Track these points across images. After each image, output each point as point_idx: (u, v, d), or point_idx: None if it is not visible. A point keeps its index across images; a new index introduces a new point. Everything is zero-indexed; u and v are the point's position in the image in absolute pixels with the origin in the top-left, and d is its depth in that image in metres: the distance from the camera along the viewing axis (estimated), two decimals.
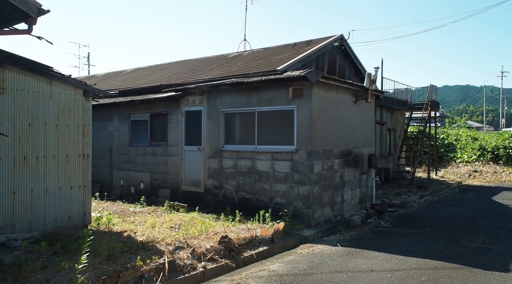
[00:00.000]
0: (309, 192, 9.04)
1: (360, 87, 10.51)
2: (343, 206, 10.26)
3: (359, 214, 10.78)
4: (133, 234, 7.76)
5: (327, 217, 9.61)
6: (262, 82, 9.51)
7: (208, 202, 10.79)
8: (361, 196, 11.18)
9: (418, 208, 11.73)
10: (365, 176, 11.39)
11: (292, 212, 9.28)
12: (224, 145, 10.52)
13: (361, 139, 11.18)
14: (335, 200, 9.92)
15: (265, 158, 9.73)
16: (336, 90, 9.92)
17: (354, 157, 10.79)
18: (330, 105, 9.70)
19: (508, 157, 21.51)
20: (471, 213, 10.96)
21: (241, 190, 10.16)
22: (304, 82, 9.01)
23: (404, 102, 18.99)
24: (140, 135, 12.62)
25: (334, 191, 9.87)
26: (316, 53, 12.89)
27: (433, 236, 8.31)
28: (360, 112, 11.09)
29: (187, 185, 11.31)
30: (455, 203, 12.72)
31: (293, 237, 8.14)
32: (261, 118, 9.86)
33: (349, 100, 10.54)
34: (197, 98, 11.07)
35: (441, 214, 10.81)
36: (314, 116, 9.10)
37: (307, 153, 9.07)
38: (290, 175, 9.34)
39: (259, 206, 9.77)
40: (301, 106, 9.17)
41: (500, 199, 13.69)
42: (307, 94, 9.08)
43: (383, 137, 18.06)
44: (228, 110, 10.43)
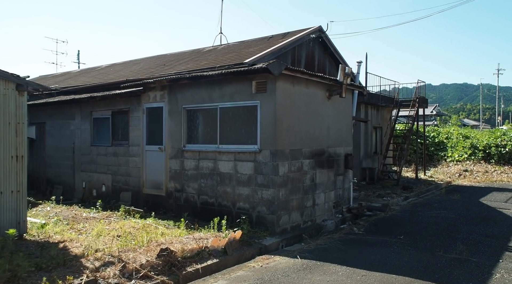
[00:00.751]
0: (273, 196, 8.21)
1: (333, 81, 9.67)
2: (314, 211, 9.43)
3: (334, 218, 9.96)
4: (71, 245, 6.91)
5: (295, 223, 8.78)
6: (222, 75, 8.67)
7: (169, 206, 9.95)
8: (337, 199, 10.35)
9: (398, 212, 10.92)
10: (341, 177, 10.56)
11: (255, 218, 8.46)
12: (186, 144, 9.68)
13: (337, 138, 10.35)
14: (305, 204, 9.09)
15: (228, 158, 8.89)
16: (305, 84, 9.08)
17: (328, 157, 9.96)
18: (298, 100, 8.86)
19: (500, 155, 20.73)
20: (454, 217, 10.15)
21: (203, 193, 9.32)
22: (267, 75, 8.18)
23: (391, 99, 18.19)
24: (102, 134, 11.77)
25: (303, 194, 9.04)
26: (291, 46, 12.04)
27: (407, 244, 7.49)
28: (335, 108, 10.26)
29: (148, 187, 10.46)
30: (440, 205, 11.92)
31: (251, 247, 7.30)
32: (223, 115, 9.02)
33: (321, 95, 9.71)
34: (158, 94, 10.21)
35: (421, 218, 9.99)
36: (279, 112, 8.26)
37: (271, 153, 8.23)
38: (253, 177, 8.51)
39: (222, 211, 8.94)
40: (264, 101, 8.33)
41: (488, 200, 12.90)
42: (270, 88, 8.25)
43: (368, 136, 17.25)
44: (189, 106, 9.58)
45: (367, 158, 17.18)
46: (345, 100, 10.71)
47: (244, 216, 8.39)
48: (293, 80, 8.66)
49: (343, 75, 9.63)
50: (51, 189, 12.96)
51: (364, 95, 15.74)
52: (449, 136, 23.54)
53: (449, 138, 23.35)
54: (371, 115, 17.48)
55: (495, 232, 8.51)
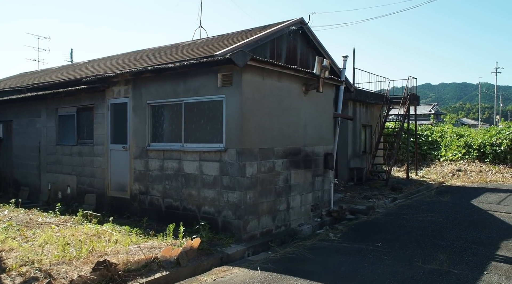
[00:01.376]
0: (239, 199, 7.49)
1: (309, 75, 8.95)
2: (289, 215, 8.71)
3: (311, 223, 9.24)
4: (7, 255, 6.18)
5: (266, 228, 8.06)
6: (185, 67, 7.95)
7: (134, 210, 9.22)
8: (315, 202, 9.63)
9: (383, 215, 10.20)
10: (320, 178, 9.84)
11: (221, 223, 7.74)
12: (150, 143, 8.95)
13: (315, 136, 9.63)
14: (277, 208, 8.37)
15: (193, 158, 8.17)
16: (278, 78, 8.36)
17: (304, 157, 9.24)
18: (270, 95, 8.14)
19: (494, 154, 20.03)
20: (441, 220, 9.43)
21: (168, 196, 8.60)
22: (233, 67, 7.45)
23: (381, 96, 17.47)
24: (68, 133, 11.04)
25: (276, 197, 8.32)
26: (269, 38, 11.32)
27: (384, 253, 6.77)
28: (313, 104, 9.53)
29: (113, 190, 9.73)
30: (428, 208, 11.20)
31: (211, 257, 6.58)
32: (188, 111, 8.30)
33: (297, 90, 8.98)
34: (122, 88, 9.48)
35: (406, 222, 9.28)
36: (246, 108, 7.54)
37: (237, 152, 7.51)
38: (219, 178, 7.78)
39: (187, 215, 8.23)
40: (230, 96, 7.61)
41: (479, 202, 12.18)
42: (236, 81, 7.53)
43: (356, 134, 16.54)
44: (154, 102, 8.86)
45: (356, 157, 16.47)
46: (325, 95, 9.99)
47: (208, 221, 7.69)
48: (263, 73, 7.94)
49: (320, 68, 8.91)
50: (17, 191, 12.24)
51: (351, 91, 15.05)
52: (443, 135, 22.83)
53: (443, 137, 22.64)
54: (359, 112, 16.76)
55: (483, 238, 7.80)
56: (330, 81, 9.85)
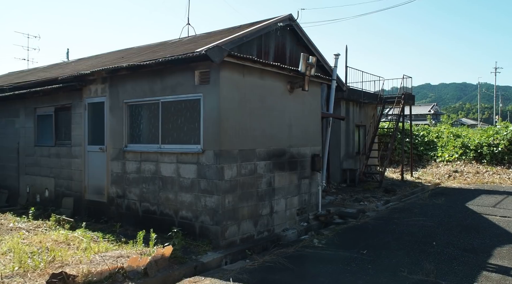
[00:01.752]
0: (217, 204, 7.07)
1: (294, 72, 8.53)
2: (272, 219, 8.30)
3: (296, 227, 8.83)
4: None
5: (247, 234, 7.64)
6: (161, 64, 7.54)
7: (111, 214, 8.81)
8: (301, 206, 9.21)
9: (372, 219, 9.78)
10: (307, 181, 9.42)
11: (199, 228, 7.33)
12: (127, 144, 8.54)
13: (301, 137, 9.21)
14: (259, 212, 7.95)
15: (170, 160, 7.76)
16: (260, 75, 7.94)
17: (290, 158, 8.82)
18: (251, 93, 7.72)
19: (492, 155, 19.60)
20: (432, 225, 9.02)
21: (145, 200, 8.18)
22: (210, 64, 7.04)
23: (375, 96, 17.06)
24: (46, 134, 10.62)
25: (258, 200, 7.91)
26: (256, 35, 10.90)
27: (369, 262, 6.35)
28: (299, 103, 9.12)
29: (90, 193, 9.32)
30: (420, 211, 10.78)
31: (184, 266, 6.16)
32: (165, 111, 7.88)
33: (281, 88, 8.57)
34: (99, 87, 9.07)
35: (396, 227, 8.86)
36: (225, 107, 7.13)
37: (215, 153, 7.09)
38: (196, 181, 7.37)
39: (164, 220, 7.82)
40: (207, 94, 7.20)
41: (475, 205, 11.77)
42: (214, 79, 7.11)
43: (349, 135, 16.12)
44: (131, 101, 8.45)
45: (349, 158, 16.05)
46: (312, 94, 9.58)
47: (186, 227, 7.29)
48: (243, 70, 7.52)
49: (305, 65, 8.49)
50: None
51: (343, 90, 14.65)
52: (440, 135, 22.41)
53: (440, 138, 22.22)
54: (353, 112, 16.34)
55: (475, 245, 7.38)
56: (316, 79, 9.44)
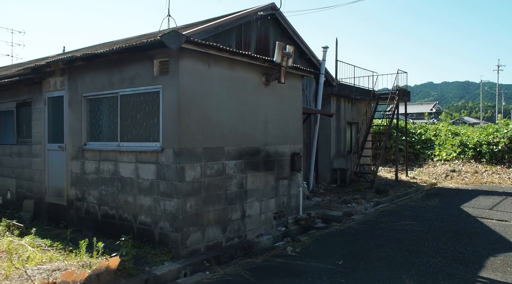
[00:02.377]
0: (177, 208, 6.33)
1: (269, 63, 7.78)
2: (244, 224, 7.56)
3: (273, 232, 8.09)
4: None
5: (213, 241, 6.90)
6: (117, 53, 6.80)
7: (71, 218, 8.09)
8: (279, 209, 8.47)
9: (358, 223, 9.03)
10: (286, 182, 8.68)
11: (158, 236, 6.60)
12: (87, 142, 7.81)
13: (279, 134, 8.47)
14: (229, 217, 7.21)
15: (129, 159, 7.03)
16: (230, 66, 7.20)
17: (265, 157, 8.08)
18: (218, 86, 6.98)
19: (491, 154, 18.80)
20: (422, 230, 8.26)
21: (104, 203, 7.45)
22: (170, 53, 6.30)
23: (368, 91, 16.28)
24: (8, 131, 9.91)
25: (227, 204, 7.17)
26: (234, 24, 10.15)
27: (343, 275, 5.60)
28: (277, 98, 8.38)
29: (51, 195, 8.59)
30: (411, 214, 10.02)
31: (133, 280, 5.44)
32: (124, 105, 7.15)
33: (255, 81, 7.82)
34: (58, 80, 8.34)
35: (381, 232, 8.11)
36: (185, 100, 6.39)
37: (174, 152, 6.36)
38: (155, 183, 6.63)
39: (123, 225, 7.10)
40: (167, 86, 6.46)
41: (470, 207, 11.00)
42: (173, 69, 6.37)
43: (340, 133, 15.35)
44: (89, 94, 7.72)
45: (340, 157, 15.29)
46: (292, 88, 8.83)
47: (145, 233, 6.56)
48: (209, 60, 6.78)
49: (280, 55, 7.74)
50: None
51: (333, 86, 13.88)
52: (438, 133, 21.61)
53: (437, 136, 21.42)
54: (344, 109, 15.57)
55: (466, 253, 6.62)
56: (296, 71, 8.69)
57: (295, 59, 12.54)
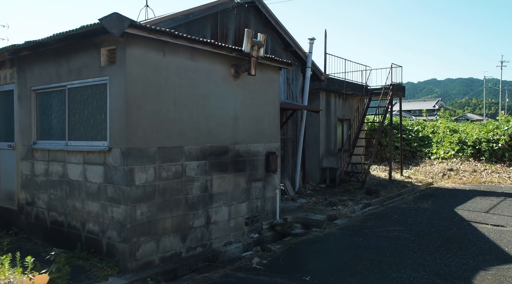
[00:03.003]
0: (125, 216, 5.59)
1: (237, 53, 7.01)
2: (209, 232, 6.81)
3: (243, 240, 7.35)
4: None
5: (171, 251, 6.16)
6: (60, 40, 6.07)
7: (21, 224, 7.37)
8: (252, 214, 7.72)
9: (340, 228, 8.27)
10: (260, 184, 7.93)
11: (106, 246, 5.87)
12: (36, 140, 7.08)
13: (252, 132, 7.72)
14: (190, 224, 6.47)
15: (77, 160, 6.29)
16: (190, 56, 6.44)
17: (235, 157, 7.33)
18: (176, 78, 6.22)
19: (491, 152, 17.97)
20: (408, 237, 7.50)
21: (53, 208, 6.73)
22: (116, 39, 5.55)
23: (360, 86, 15.48)
24: None
25: (188, 210, 6.42)
26: (207, 12, 9.38)
27: None
28: (249, 92, 7.62)
29: (2, 198, 7.89)
30: (400, 218, 9.26)
31: None
32: (72, 99, 6.41)
33: (222, 72, 7.06)
34: (8, 72, 7.61)
35: (362, 240, 7.34)
36: (135, 93, 5.64)
37: (122, 152, 5.61)
38: (103, 187, 5.90)
39: (71, 234, 6.37)
40: (114, 77, 5.71)
41: (465, 209, 10.22)
42: (120, 57, 5.62)
43: (330, 130, 14.57)
44: (38, 88, 6.99)
45: (329, 155, 14.51)
46: (268, 81, 8.07)
47: (93, 243, 5.83)
48: (164, 48, 6.02)
49: (250, 44, 6.97)
50: None
51: (321, 80, 13.10)
52: (435, 130, 20.79)
53: (435, 133, 20.59)
54: (334, 105, 14.78)
55: (453, 266, 5.85)
56: (271, 62, 7.92)
57: (279, 51, 11.79)
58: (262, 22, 11.18)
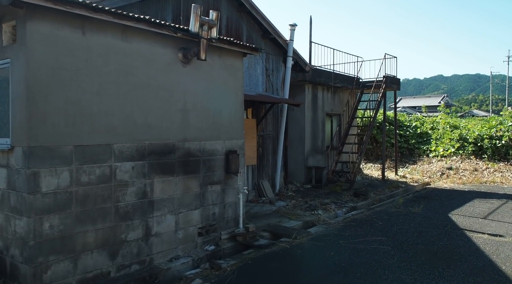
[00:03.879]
0: (27, 231, 4.54)
1: (183, 33, 5.92)
2: (149, 245, 5.75)
3: (195, 254, 6.27)
4: None
5: (95, 271, 5.10)
6: None
7: None
8: (207, 222, 6.65)
9: (312, 238, 7.17)
10: (219, 188, 6.85)
11: (9, 266, 4.81)
12: None
13: (208, 127, 6.63)
14: (122, 237, 5.41)
15: None
16: (122, 35, 5.36)
17: (184, 157, 6.25)
18: (101, 61, 5.14)
19: (494, 149, 16.77)
20: (389, 250, 6.39)
21: None
22: (17, 12, 4.48)
23: (351, 79, 14.33)
24: None
25: (118, 220, 5.36)
26: None
27: None
28: (203, 80, 6.53)
29: None
30: (385, 225, 8.15)
31: None
32: None
33: (167, 57, 5.97)
34: None
35: (335, 254, 6.25)
36: (41, 79, 4.58)
37: (23, 152, 4.54)
38: (6, 194, 4.84)
39: None
40: (15, 59, 4.65)
41: (461, 215, 9.10)
42: (21, 34, 4.54)
43: (317, 125, 13.45)
44: None
45: (316, 153, 13.39)
46: (229, 69, 6.98)
47: None
48: (83, 25, 4.93)
49: (198, 22, 5.87)
50: None
51: (305, 71, 11.97)
52: (435, 126, 19.59)
53: (435, 129, 19.40)
54: (322, 98, 13.65)
55: None
56: (230, 46, 6.81)
57: (256, 39, 10.69)
58: (235, 6, 10.06)
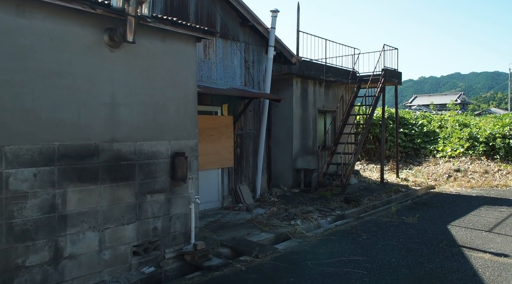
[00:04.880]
0: None
1: (103, 9, 4.81)
2: (60, 270, 4.67)
3: (127, 278, 5.17)
4: None
5: None
6: None
7: None
8: (146, 239, 5.54)
9: (276, 258, 6.02)
10: (162, 197, 5.73)
11: None
12: None
13: (146, 125, 5.53)
14: (18, 262, 4.36)
15: None
16: (16, 10, 4.28)
17: (113, 161, 5.15)
18: None
19: (507, 149, 15.32)
20: (363, 276, 5.20)
21: None
22: None
23: (346, 73, 13.09)
24: None
25: (13, 241, 4.31)
26: None
27: None
28: (139, 68, 5.42)
29: None
30: (369, 239, 6.95)
31: None
32: None
33: (85, 38, 4.88)
34: None
35: (294, 281, 5.07)
36: None
37: None
38: None
39: None
40: None
41: (462, 226, 7.83)
42: None
43: (307, 123, 12.25)
44: None
45: (306, 154, 12.19)
46: (175, 56, 5.86)
47: None
48: None
49: None
50: None
51: (292, 63, 10.80)
52: (443, 124, 18.17)
53: (443, 127, 17.99)
54: (313, 94, 12.44)
55: None
56: (174, 28, 5.67)
57: (233, 27, 9.58)
58: None
